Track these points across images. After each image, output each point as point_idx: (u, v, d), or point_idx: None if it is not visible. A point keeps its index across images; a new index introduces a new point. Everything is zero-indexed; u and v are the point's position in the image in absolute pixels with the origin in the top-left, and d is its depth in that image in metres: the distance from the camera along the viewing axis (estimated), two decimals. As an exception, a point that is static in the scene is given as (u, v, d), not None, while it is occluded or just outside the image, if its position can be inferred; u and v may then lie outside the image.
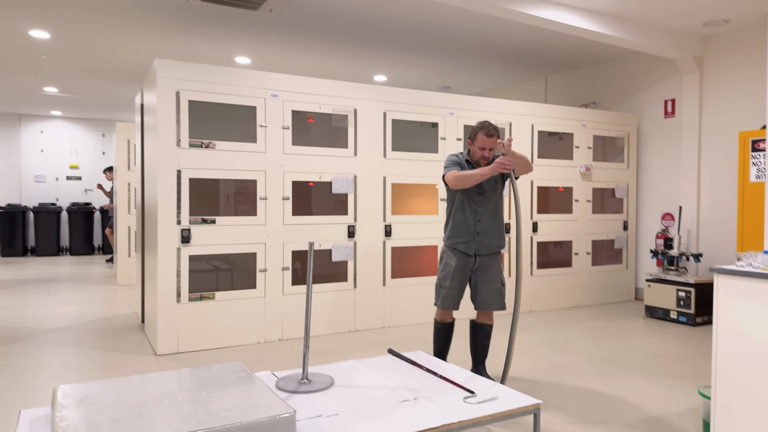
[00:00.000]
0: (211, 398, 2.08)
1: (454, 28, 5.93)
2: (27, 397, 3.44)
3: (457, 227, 3.56)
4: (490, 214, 3.53)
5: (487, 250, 3.54)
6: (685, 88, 6.27)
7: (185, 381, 2.30)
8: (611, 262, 6.74)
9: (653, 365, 4.18)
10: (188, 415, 1.91)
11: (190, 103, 4.45)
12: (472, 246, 3.52)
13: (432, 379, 2.65)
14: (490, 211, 3.53)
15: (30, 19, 5.57)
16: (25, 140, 11.65)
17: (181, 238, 4.42)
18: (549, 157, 6.26)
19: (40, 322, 5.43)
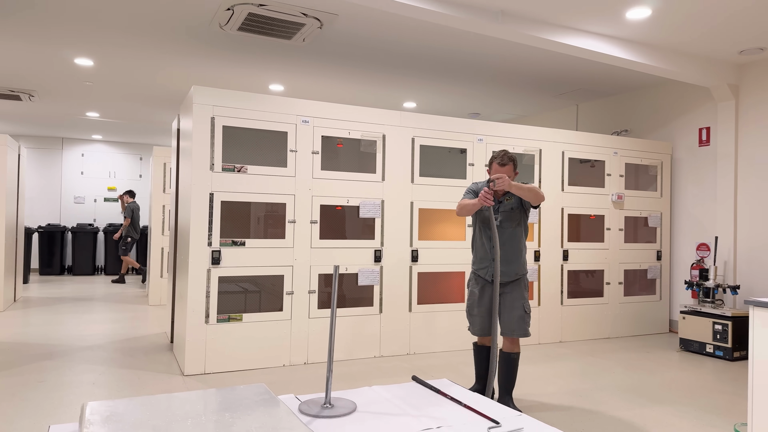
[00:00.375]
0: (234, 419, 2.09)
1: (484, 56, 5.97)
2: (57, 413, 3.50)
3: (478, 253, 3.70)
4: (507, 241, 3.57)
5: (505, 276, 3.56)
6: (720, 116, 6.16)
7: (209, 401, 2.32)
8: (644, 292, 6.58)
9: (688, 400, 4.04)
10: (210, 435, 1.92)
11: (224, 128, 4.57)
12: (490, 272, 3.59)
13: (456, 407, 2.61)
14: (506, 238, 3.57)
15: (76, 47, 5.83)
16: (66, 163, 12.08)
17: (211, 260, 4.49)
18: (580, 184, 6.19)
19: (73, 340, 5.55)
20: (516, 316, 3.55)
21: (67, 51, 5.97)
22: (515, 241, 3.59)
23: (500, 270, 3.55)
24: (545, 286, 5.89)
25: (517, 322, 3.54)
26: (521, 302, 3.57)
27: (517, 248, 3.59)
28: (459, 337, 5.48)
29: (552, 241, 5.93)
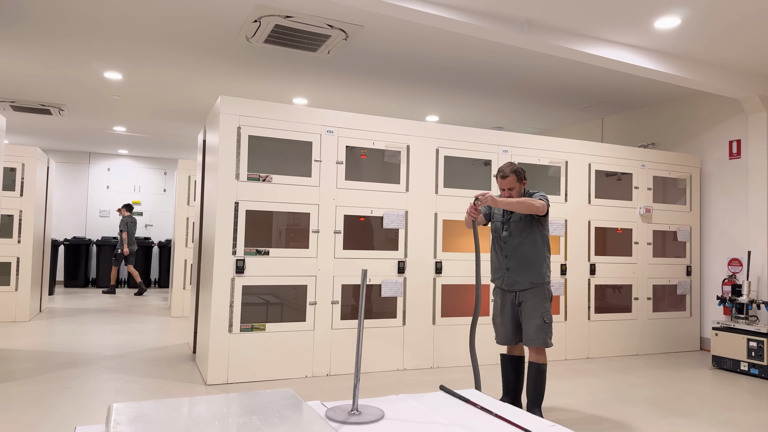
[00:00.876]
0: (262, 422, 2.05)
1: (507, 68, 5.95)
2: (82, 419, 3.49)
3: (492, 263, 3.80)
4: (519, 251, 3.61)
5: (519, 285, 3.61)
6: (751, 129, 6.03)
7: (236, 405, 2.28)
8: (674, 308, 6.41)
9: (724, 418, 3.89)
10: (239, 437, 1.87)
11: (250, 138, 4.59)
12: (506, 281, 3.67)
13: (487, 417, 2.53)
14: (518, 248, 3.61)
15: (106, 61, 5.95)
16: (93, 177, 12.29)
17: (235, 268, 4.49)
18: (607, 197, 6.09)
19: (97, 349, 5.57)
20: (534, 326, 3.53)
21: (97, 64, 6.09)
22: (527, 250, 3.60)
23: (513, 279, 3.61)
24: (572, 301, 5.77)
25: (535, 331, 3.52)
26: (540, 311, 3.55)
27: (531, 257, 3.59)
28: (484, 350, 5.37)
29: (578, 255, 5.82)
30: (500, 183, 3.65)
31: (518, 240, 3.62)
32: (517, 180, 3.62)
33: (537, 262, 3.60)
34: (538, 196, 3.60)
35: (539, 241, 3.62)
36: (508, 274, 3.64)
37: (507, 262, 3.64)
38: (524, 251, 3.60)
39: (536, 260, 3.60)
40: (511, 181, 3.61)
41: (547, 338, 3.53)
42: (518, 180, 3.63)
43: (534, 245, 3.61)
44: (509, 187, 3.62)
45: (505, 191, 3.63)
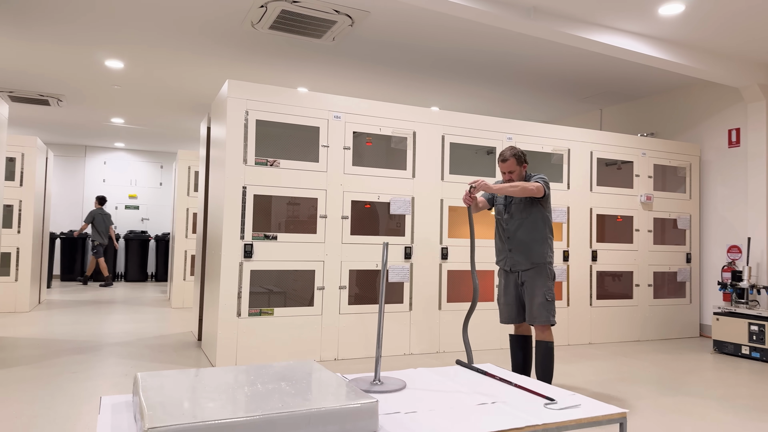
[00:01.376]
0: (291, 387, 2.06)
1: (511, 57, 5.98)
2: (93, 400, 3.49)
3: (496, 246, 3.88)
4: (520, 232, 3.68)
5: (521, 265, 3.68)
6: (750, 117, 6.10)
7: (262, 373, 2.30)
8: (674, 295, 6.48)
9: (729, 397, 3.94)
10: (272, 401, 1.89)
11: (257, 122, 4.60)
12: (508, 262, 3.74)
13: (507, 387, 2.56)
14: (519, 229, 3.68)
15: (107, 49, 5.92)
16: (89, 170, 12.22)
17: (243, 253, 4.49)
18: (608, 185, 6.14)
19: (101, 337, 5.55)
20: (536, 304, 3.60)
21: (99, 53, 6.06)
22: (527, 232, 3.66)
23: (515, 259, 3.69)
24: (574, 287, 5.82)
25: (538, 309, 3.59)
26: (542, 290, 3.61)
27: (532, 238, 3.66)
28: (489, 335, 5.41)
29: (580, 242, 5.87)
30: (501, 166, 3.72)
31: (519, 221, 3.69)
32: (517, 163, 3.68)
33: (538, 243, 3.66)
34: (535, 178, 3.66)
35: (540, 222, 3.68)
36: (510, 255, 3.71)
37: (509, 243, 3.71)
38: (525, 232, 3.67)
39: (537, 241, 3.66)
40: (511, 164, 3.67)
41: (550, 316, 3.60)
42: (518, 163, 3.68)
43: (535, 226, 3.67)
44: (509, 171, 3.68)
45: (506, 174, 3.69)
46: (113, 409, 2.09)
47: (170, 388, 2.03)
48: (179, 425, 1.62)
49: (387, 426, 1.93)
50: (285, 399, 1.89)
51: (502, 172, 3.71)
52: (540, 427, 2.03)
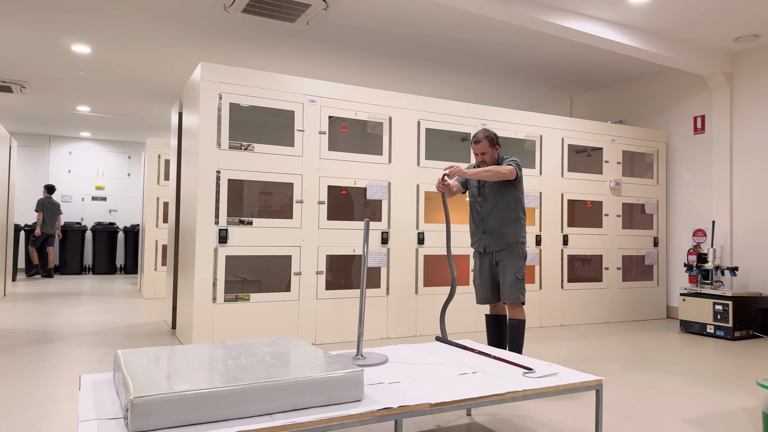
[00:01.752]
0: (275, 360, 2.07)
1: (485, 45, 6.04)
2: (67, 386, 3.43)
3: (470, 228, 3.92)
4: (493, 214, 3.73)
5: (494, 246, 3.73)
6: (714, 105, 6.29)
7: (244, 347, 2.30)
8: (642, 278, 6.66)
9: (696, 372, 4.09)
10: (258, 371, 1.90)
11: (231, 105, 4.55)
12: (482, 244, 3.79)
13: (486, 359, 2.61)
14: (492, 211, 3.73)
15: (74, 33, 5.76)
16: (54, 161, 11.90)
17: (218, 238, 4.45)
18: (579, 171, 6.27)
19: (72, 327, 5.44)
20: (507, 282, 3.67)
21: (65, 37, 5.90)
22: (500, 214, 3.72)
23: (489, 240, 3.74)
24: (546, 271, 5.94)
25: (509, 287, 3.66)
26: (513, 269, 3.67)
27: (505, 220, 3.72)
28: (466, 318, 5.49)
29: (552, 226, 5.99)
30: (474, 148, 3.75)
31: (492, 203, 3.74)
32: (490, 145, 3.70)
33: (511, 224, 3.72)
34: (508, 161, 3.70)
35: (513, 204, 3.74)
36: (484, 237, 3.76)
37: (483, 225, 3.76)
38: (499, 214, 3.72)
39: (510, 222, 3.72)
40: (484, 146, 3.70)
41: (520, 294, 3.66)
42: (491, 145, 3.71)
43: (508, 208, 3.73)
44: (482, 152, 3.71)
45: (479, 156, 3.73)
46: (94, 386, 2.06)
47: (153, 362, 2.02)
48: (166, 395, 1.62)
49: (372, 395, 1.96)
50: (270, 370, 1.90)
51: (475, 154, 3.75)
52: (520, 393, 2.08)
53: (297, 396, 1.79)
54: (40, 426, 2.74)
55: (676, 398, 3.40)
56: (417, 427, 2.76)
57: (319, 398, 1.82)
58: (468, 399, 1.97)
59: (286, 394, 1.77)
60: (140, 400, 1.57)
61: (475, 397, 1.98)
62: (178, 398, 1.62)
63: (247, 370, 1.89)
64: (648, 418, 3.01)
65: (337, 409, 1.80)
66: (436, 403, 1.90)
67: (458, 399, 1.95)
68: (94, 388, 2.03)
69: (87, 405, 1.83)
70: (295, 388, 1.79)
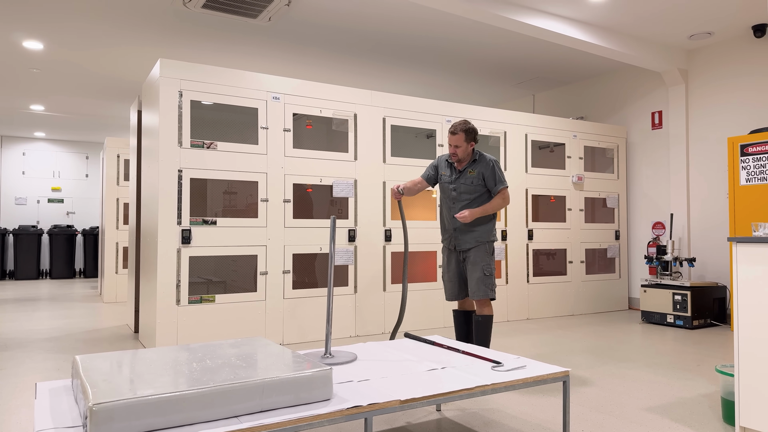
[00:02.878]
0: (241, 361, 2.02)
1: (449, 42, 6.06)
2: (23, 395, 3.29)
3: (441, 224, 3.89)
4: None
5: (465, 244, 3.68)
6: (671, 100, 6.47)
7: (209, 349, 2.24)
8: (604, 271, 6.81)
9: (658, 360, 4.19)
10: (223, 373, 1.85)
11: (192, 102, 4.44)
12: (453, 242, 3.74)
13: (455, 354, 2.62)
14: (463, 208, 3.67)
15: (25, 28, 5.55)
16: (6, 162, 11.45)
17: (181, 239, 4.35)
18: (543, 166, 6.36)
19: (27, 333, 5.24)
20: (475, 279, 3.63)
21: (15, 32, 5.67)
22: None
23: (460, 239, 3.69)
24: (512, 265, 6.01)
25: (477, 284, 3.62)
26: (480, 265, 3.63)
27: (476, 220, 3.66)
28: (434, 315, 5.50)
29: (517, 222, 6.06)
30: (449, 138, 3.66)
31: (467, 202, 3.70)
32: (465, 139, 3.63)
33: (483, 223, 3.69)
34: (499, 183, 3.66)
35: (486, 203, 3.70)
36: (455, 234, 3.71)
37: (454, 222, 3.72)
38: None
39: (481, 221, 3.69)
40: (459, 138, 3.62)
41: (488, 290, 3.62)
42: (466, 139, 3.63)
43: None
44: (455, 144, 3.61)
45: (452, 147, 3.64)
46: (51, 394, 1.98)
47: (114, 367, 1.95)
48: (127, 400, 1.56)
49: (341, 393, 1.93)
50: (236, 371, 1.86)
51: (449, 145, 3.66)
52: (489, 387, 2.09)
53: (264, 397, 1.75)
54: (-5, 438, 2.62)
55: (640, 387, 3.48)
56: (387, 425, 2.75)
57: (286, 399, 1.79)
58: (438, 394, 1.96)
59: (253, 395, 1.73)
60: (100, 407, 1.51)
61: (444, 392, 1.97)
62: (141, 403, 1.56)
63: (213, 372, 1.84)
64: (613, 407, 3.06)
65: (305, 409, 1.77)
66: (405, 400, 1.89)
67: (428, 395, 1.94)
68: (51, 396, 1.95)
69: (43, 414, 1.75)
70: (262, 389, 1.75)
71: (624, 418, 2.87)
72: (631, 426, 2.76)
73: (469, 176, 3.69)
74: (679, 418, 2.88)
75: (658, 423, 2.81)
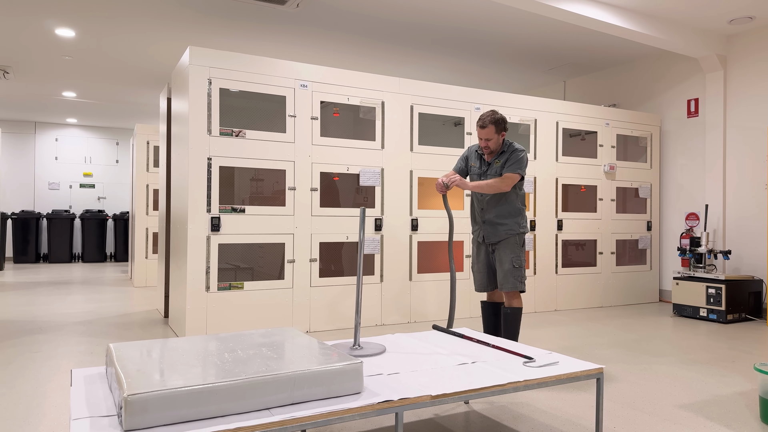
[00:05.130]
0: (272, 352, 2.03)
1: (479, 27, 5.95)
2: (58, 378, 3.37)
3: (472, 217, 3.86)
4: (495, 205, 3.64)
5: (494, 237, 3.64)
6: (708, 87, 6.26)
7: (239, 339, 2.25)
8: (635, 262, 6.67)
9: (691, 356, 4.10)
10: (255, 365, 1.85)
11: (221, 90, 4.45)
12: (482, 233, 3.72)
13: (485, 348, 2.59)
14: (490, 200, 3.64)
15: (58, 16, 5.61)
16: (39, 148, 11.70)
17: (210, 226, 4.38)
18: (573, 155, 6.24)
19: (62, 317, 5.37)
20: (504, 271, 3.59)
21: (48, 20, 5.74)
22: (500, 205, 3.63)
23: (489, 231, 3.66)
24: (540, 256, 5.93)
25: (505, 276, 3.58)
26: (510, 257, 3.59)
27: (506, 211, 3.63)
28: (461, 305, 5.47)
29: (547, 211, 5.96)
30: (479, 132, 3.60)
31: (494, 195, 3.63)
32: (496, 131, 3.57)
33: (512, 215, 3.64)
34: (513, 160, 3.56)
35: (513, 196, 3.66)
36: (484, 227, 3.68)
37: (483, 214, 3.68)
38: (499, 206, 3.63)
39: (511, 213, 3.64)
40: (490, 131, 3.57)
41: (517, 282, 3.58)
42: (497, 131, 3.58)
43: (508, 200, 3.64)
44: (487, 138, 3.57)
45: (483, 141, 3.60)
46: (86, 381, 2.01)
47: (146, 356, 1.96)
48: (161, 391, 1.57)
49: (371, 387, 1.92)
50: (268, 363, 1.86)
51: (479, 138, 3.62)
52: (521, 383, 2.06)
53: (296, 389, 1.75)
54: (31, 420, 2.69)
55: (673, 383, 3.40)
56: (415, 417, 2.74)
57: (318, 391, 1.78)
58: (469, 390, 1.94)
59: (285, 387, 1.73)
60: (134, 398, 1.53)
61: (476, 388, 1.95)
62: (174, 395, 1.57)
63: (244, 364, 1.84)
64: (646, 403, 3.00)
65: (336, 402, 1.76)
66: (436, 395, 1.87)
67: (459, 390, 1.91)
68: (86, 384, 1.98)
69: (79, 402, 1.77)
70: (293, 381, 1.74)
71: (657, 415, 2.81)
72: (665, 424, 2.70)
73: (496, 166, 3.64)
74: (714, 417, 2.81)
75: (693, 421, 2.75)
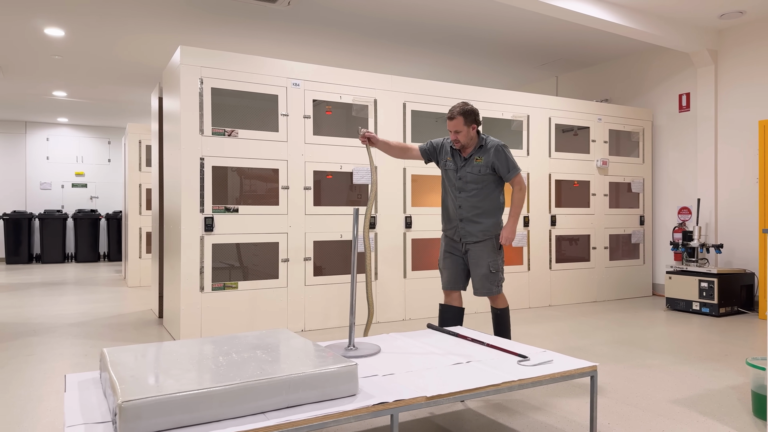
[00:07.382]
0: (267, 355, 2.02)
1: (470, 23, 5.94)
2: (51, 382, 3.36)
3: (444, 213, 3.54)
4: (474, 201, 3.38)
5: (471, 237, 3.38)
6: (699, 82, 6.28)
7: (234, 342, 2.25)
8: (628, 257, 6.71)
9: (684, 350, 4.13)
10: (249, 369, 1.85)
11: (213, 90, 4.43)
12: (458, 233, 3.43)
13: (480, 347, 2.59)
14: (472, 198, 3.38)
15: (46, 15, 5.56)
16: (30, 147, 11.62)
17: (204, 226, 4.37)
18: (566, 150, 6.25)
19: (55, 318, 5.35)
20: (479, 275, 3.37)
21: (36, 19, 5.69)
22: (481, 202, 3.37)
23: (466, 230, 3.39)
24: (534, 252, 5.94)
25: (481, 280, 3.37)
26: (486, 261, 3.36)
27: (487, 208, 3.37)
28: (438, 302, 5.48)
29: (540, 207, 5.98)
30: (448, 124, 3.31)
31: (474, 190, 3.37)
32: (465, 123, 3.27)
33: (492, 214, 3.38)
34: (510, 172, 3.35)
35: (495, 193, 3.40)
36: (461, 225, 3.40)
37: (460, 212, 3.40)
38: (480, 202, 3.37)
39: (492, 212, 3.38)
40: (458, 123, 3.25)
41: (492, 287, 3.36)
42: (466, 123, 3.27)
43: (491, 196, 3.39)
44: (455, 130, 3.28)
45: (452, 134, 3.31)
46: (80, 386, 2.00)
47: (141, 361, 1.96)
48: (156, 397, 1.57)
49: (366, 388, 1.92)
50: (263, 366, 1.86)
51: (449, 131, 3.33)
52: (516, 382, 2.07)
53: (290, 393, 1.75)
54: (25, 425, 2.68)
55: (666, 377, 3.43)
56: (411, 416, 2.75)
57: (313, 394, 1.78)
58: (463, 391, 1.94)
59: (279, 391, 1.73)
60: (129, 404, 1.52)
61: (470, 388, 1.95)
62: (169, 400, 1.57)
63: (239, 368, 1.84)
64: (639, 398, 3.03)
65: (331, 404, 1.77)
66: (431, 396, 1.88)
67: (454, 391, 1.92)
68: (80, 389, 1.97)
69: (73, 408, 1.77)
70: (288, 385, 1.74)
71: (650, 411, 2.84)
72: (658, 419, 2.72)
73: (476, 164, 3.35)
74: (707, 411, 2.84)
75: (686, 416, 2.77)
